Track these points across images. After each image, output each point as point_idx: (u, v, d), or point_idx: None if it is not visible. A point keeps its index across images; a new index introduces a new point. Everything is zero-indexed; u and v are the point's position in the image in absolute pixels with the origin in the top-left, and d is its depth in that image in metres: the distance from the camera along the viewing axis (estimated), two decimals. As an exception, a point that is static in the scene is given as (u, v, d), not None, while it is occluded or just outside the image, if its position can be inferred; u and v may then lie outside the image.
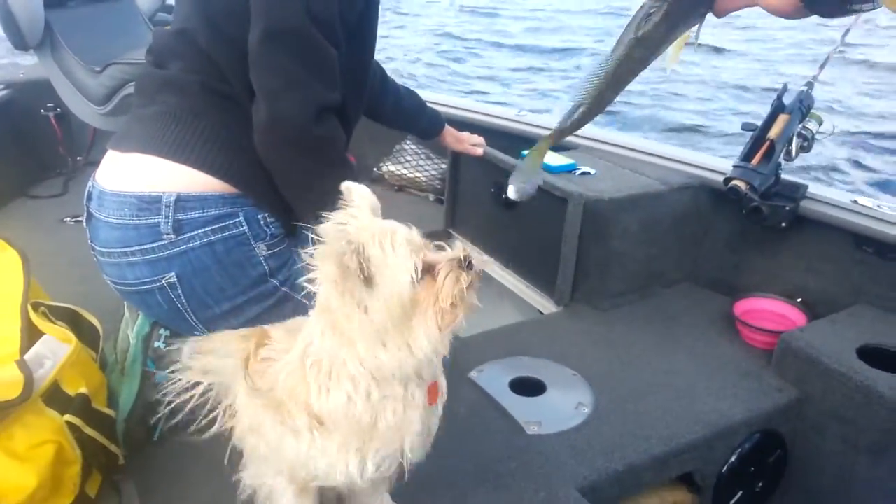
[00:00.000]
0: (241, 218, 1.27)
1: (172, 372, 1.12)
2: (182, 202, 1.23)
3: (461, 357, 1.70)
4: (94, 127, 2.71)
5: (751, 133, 1.94)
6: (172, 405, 1.32)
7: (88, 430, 1.16)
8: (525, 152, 2.18)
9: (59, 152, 2.95)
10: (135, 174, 1.26)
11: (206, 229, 1.25)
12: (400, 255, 0.88)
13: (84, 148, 2.95)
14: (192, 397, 1.08)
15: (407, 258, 0.88)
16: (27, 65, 3.12)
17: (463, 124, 2.31)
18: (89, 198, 1.34)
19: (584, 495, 1.31)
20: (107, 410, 1.26)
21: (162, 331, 1.40)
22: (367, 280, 0.85)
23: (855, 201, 1.89)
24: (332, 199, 1.06)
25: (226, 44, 1.26)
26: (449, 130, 2.11)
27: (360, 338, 0.89)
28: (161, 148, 1.25)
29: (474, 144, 2.15)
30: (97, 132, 2.81)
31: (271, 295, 1.32)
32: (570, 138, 2.45)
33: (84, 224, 1.36)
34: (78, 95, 2.41)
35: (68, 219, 2.50)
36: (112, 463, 1.26)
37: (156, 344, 1.39)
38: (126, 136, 1.32)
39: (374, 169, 2.94)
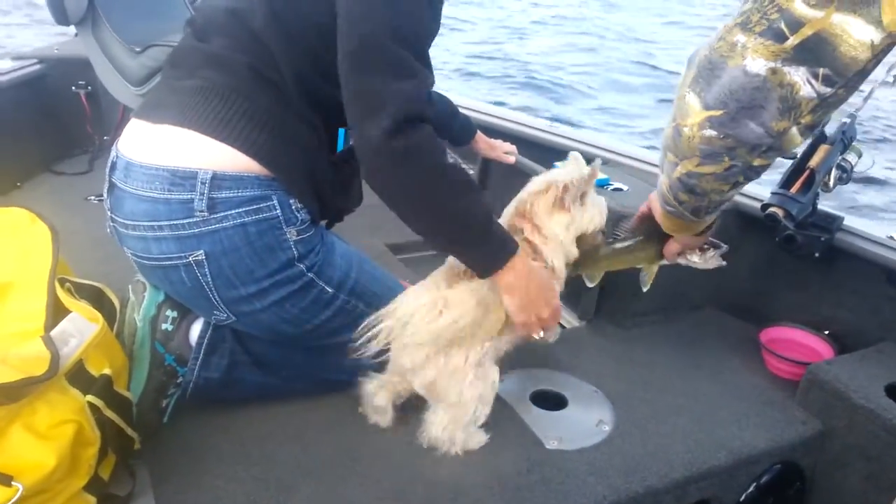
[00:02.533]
0: (275, 201, 1.26)
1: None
2: (218, 180, 1.22)
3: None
4: (124, 107, 2.71)
5: (790, 161, 1.91)
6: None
7: (108, 413, 1.14)
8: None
9: (87, 130, 2.95)
10: (169, 147, 1.25)
11: (241, 210, 1.24)
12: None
13: (112, 128, 2.95)
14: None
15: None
16: (61, 41, 3.13)
17: (492, 131, 2.30)
18: (113, 168, 1.32)
19: None
20: (127, 393, 1.25)
21: (168, 312, 1.38)
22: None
23: (891, 237, 1.86)
24: (453, 213, 1.15)
25: (282, 31, 1.25)
26: (481, 136, 2.10)
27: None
28: (201, 123, 1.23)
29: (506, 152, 2.13)
30: (126, 112, 2.80)
31: (297, 279, 1.31)
32: (602, 153, 2.45)
33: (104, 195, 1.35)
34: (116, 75, 2.41)
35: (92, 197, 2.49)
36: (127, 447, 1.25)
37: (163, 326, 1.37)
38: (158, 107, 1.30)
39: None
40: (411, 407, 1.43)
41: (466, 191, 1.23)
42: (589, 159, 2.36)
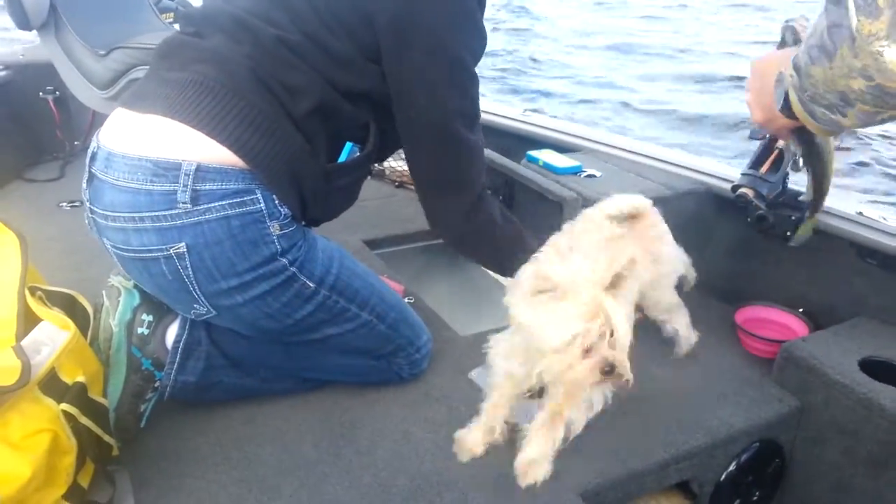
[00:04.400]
0: (259, 195, 1.25)
1: None
2: (202, 172, 1.21)
3: (461, 356, 1.68)
4: (94, 111, 2.68)
5: (759, 141, 1.93)
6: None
7: (84, 420, 1.14)
8: (534, 155, 2.16)
9: (57, 136, 2.92)
10: (152, 137, 1.23)
11: (224, 202, 1.23)
12: None
13: (82, 132, 2.92)
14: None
15: None
16: (26, 46, 3.08)
17: None
18: (93, 159, 1.30)
19: (587, 500, 1.30)
20: (102, 400, 1.24)
21: (144, 316, 1.37)
22: None
23: (860, 213, 1.88)
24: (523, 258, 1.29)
25: (319, 50, 1.31)
26: None
27: None
28: (189, 116, 1.22)
29: None
30: (96, 117, 2.78)
31: (279, 274, 1.31)
32: (575, 140, 2.46)
33: (83, 186, 1.33)
34: (81, 79, 2.38)
35: (64, 204, 2.47)
36: (106, 453, 1.24)
37: (139, 330, 1.36)
38: (145, 97, 1.29)
39: (375, 164, 2.92)
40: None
41: (519, 239, 1.52)
42: (571, 149, 2.38)
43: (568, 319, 1.09)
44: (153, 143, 1.23)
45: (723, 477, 1.62)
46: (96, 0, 2.54)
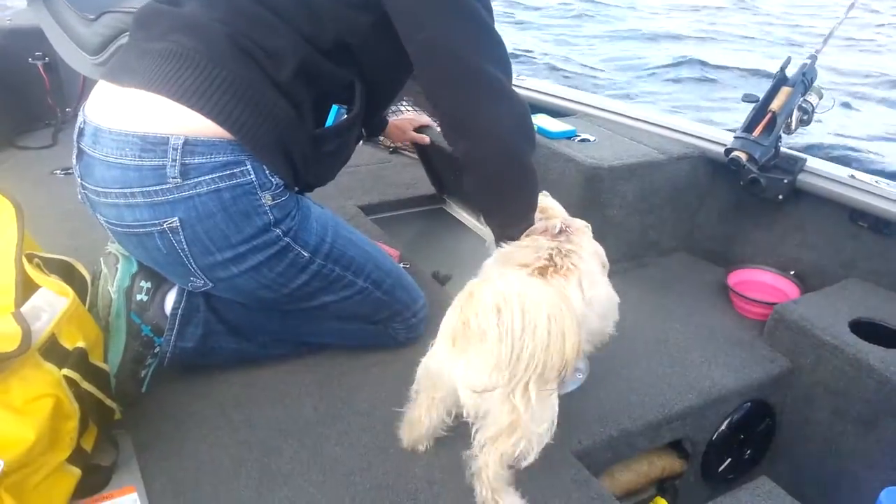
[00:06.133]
0: (249, 166, 1.24)
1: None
2: (190, 146, 1.20)
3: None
4: (84, 77, 2.65)
5: (752, 104, 1.93)
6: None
7: (85, 385, 1.15)
8: None
9: (48, 103, 2.89)
10: (138, 112, 1.22)
11: (214, 175, 1.22)
12: None
13: (73, 98, 2.88)
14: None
15: None
16: (15, 10, 3.04)
17: None
18: (81, 134, 1.29)
19: (580, 459, 1.33)
20: (103, 365, 1.25)
21: (143, 283, 1.38)
22: None
23: (852, 176, 1.90)
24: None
25: (302, 7, 1.27)
26: (392, 124, 2.03)
27: None
28: (172, 90, 1.20)
29: (421, 127, 2.06)
30: (87, 82, 2.74)
31: (273, 244, 1.31)
32: (569, 104, 2.45)
33: (74, 161, 1.32)
34: (70, 44, 2.34)
35: (58, 171, 2.45)
36: (108, 417, 1.25)
37: (137, 297, 1.37)
38: (127, 70, 1.27)
39: (370, 137, 2.91)
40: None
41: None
42: (565, 114, 2.37)
43: (485, 365, 1.03)
44: (139, 118, 1.22)
45: (714, 436, 1.66)
46: (83, -36, 2.50)
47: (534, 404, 1.04)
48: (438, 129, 2.27)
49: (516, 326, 0.96)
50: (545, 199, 1.47)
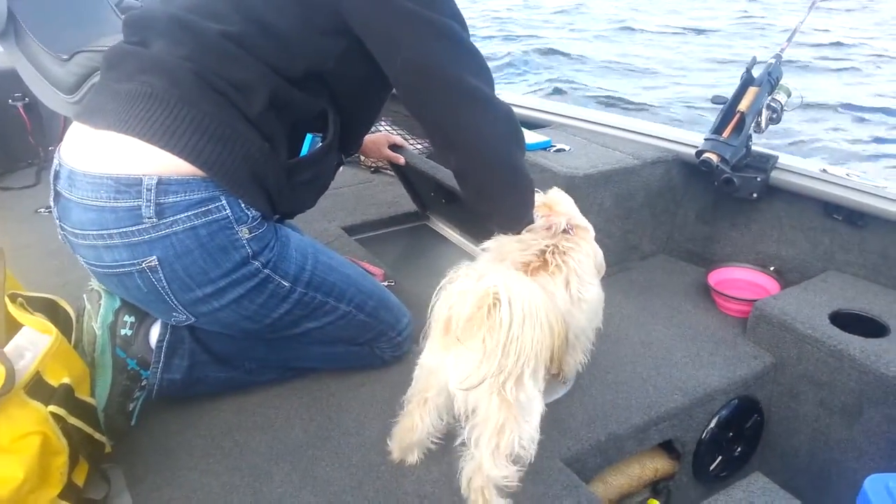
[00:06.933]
0: (224, 202, 1.25)
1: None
2: (164, 185, 1.21)
3: (443, 335, 1.71)
4: (65, 116, 2.67)
5: (721, 106, 1.96)
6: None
7: (73, 420, 1.16)
8: None
9: (30, 142, 2.90)
10: (110, 154, 1.24)
11: (189, 213, 1.23)
12: None
13: (55, 137, 2.90)
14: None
15: None
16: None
17: None
18: (56, 177, 1.31)
19: (569, 465, 1.34)
20: (90, 399, 1.26)
21: (126, 317, 1.39)
22: None
23: (824, 170, 1.93)
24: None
25: (271, 41, 1.28)
26: (367, 139, 2.03)
27: None
28: (143, 131, 1.22)
29: (394, 146, 2.08)
30: (67, 121, 2.76)
31: (253, 277, 1.32)
32: (543, 115, 2.48)
33: (52, 203, 1.34)
34: (46, 84, 2.36)
35: (42, 210, 2.46)
36: (98, 451, 1.26)
37: (122, 332, 1.37)
38: (98, 111, 1.28)
39: (347, 157, 2.93)
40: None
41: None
42: (539, 125, 2.40)
43: (473, 361, 1.06)
44: (111, 160, 1.23)
45: (704, 435, 1.67)
46: (55, 5, 2.51)
47: (520, 398, 1.07)
48: (416, 147, 2.31)
49: (504, 320, 0.99)
50: (557, 194, 1.51)
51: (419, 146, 2.64)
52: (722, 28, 11.48)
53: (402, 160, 2.04)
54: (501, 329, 1.00)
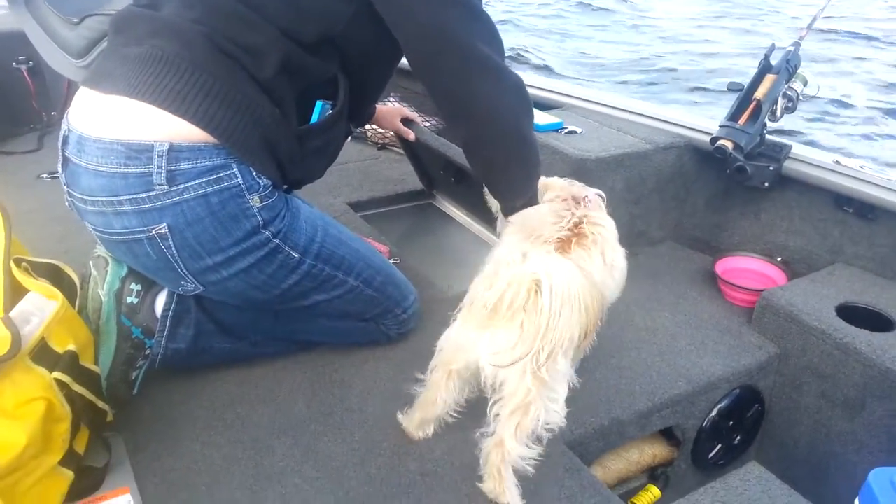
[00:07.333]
0: (235, 170, 1.24)
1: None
2: (175, 152, 1.20)
3: (448, 315, 1.70)
4: (69, 81, 2.64)
5: (737, 93, 1.94)
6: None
7: (77, 387, 1.15)
8: None
9: (33, 107, 2.87)
10: (122, 120, 1.22)
11: (201, 181, 1.22)
12: None
13: (59, 102, 2.87)
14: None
15: None
16: (-2, 14, 3.02)
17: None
18: (65, 142, 1.29)
19: (572, 448, 1.34)
20: (94, 367, 1.25)
21: (133, 285, 1.38)
22: None
23: (837, 162, 1.91)
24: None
25: (284, 3, 1.25)
26: (380, 110, 2.02)
27: None
28: (154, 96, 1.20)
29: (406, 120, 2.05)
30: (72, 86, 2.73)
31: (263, 246, 1.31)
32: (556, 97, 2.46)
33: (59, 169, 1.32)
34: (54, 47, 2.32)
35: (45, 175, 2.44)
36: (100, 419, 1.26)
37: (128, 299, 1.37)
38: (108, 76, 1.26)
39: (357, 128, 2.91)
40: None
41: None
42: (552, 106, 2.38)
43: (509, 342, 1.08)
44: (122, 126, 1.21)
45: (705, 423, 1.67)
46: (65, -34, 2.48)
47: (550, 377, 1.09)
48: (424, 124, 2.28)
49: (544, 308, 1.01)
50: (543, 178, 1.50)
51: (428, 123, 2.61)
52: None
53: (412, 136, 2.01)
54: (542, 316, 1.02)
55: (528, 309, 1.04)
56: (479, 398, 1.22)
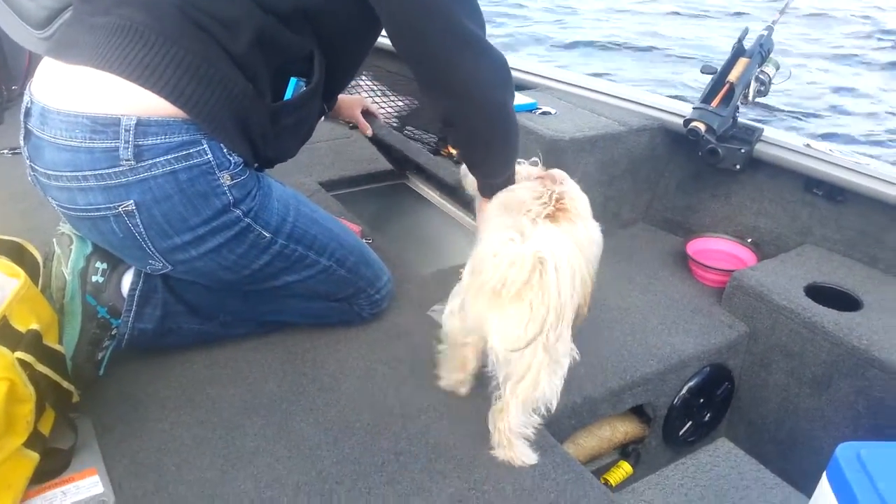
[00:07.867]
0: (206, 146, 1.20)
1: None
2: (143, 127, 1.15)
3: (421, 294, 1.70)
4: (30, 53, 2.56)
5: (710, 76, 1.95)
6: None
7: (41, 367, 1.12)
8: None
9: (-8, 81, 2.78)
10: (87, 92, 1.17)
11: (169, 157, 1.18)
12: None
13: (19, 75, 2.78)
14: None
15: None
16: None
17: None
18: (28, 114, 1.24)
19: (545, 426, 1.34)
20: (59, 347, 1.22)
21: (98, 264, 1.34)
22: None
23: (808, 145, 1.93)
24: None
25: None
26: (341, 99, 1.97)
27: None
28: (122, 68, 1.15)
29: (367, 113, 2.01)
30: (34, 59, 2.64)
31: (233, 226, 1.28)
32: (530, 77, 2.45)
33: (21, 142, 1.27)
34: (13, 17, 2.24)
35: (6, 151, 2.37)
36: (66, 400, 1.23)
37: (93, 278, 1.33)
38: (73, 46, 1.21)
39: (330, 109, 2.86)
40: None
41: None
42: (526, 87, 2.37)
43: (520, 322, 1.11)
44: (88, 98, 1.16)
45: (675, 400, 1.69)
46: (26, -67, 2.40)
47: (557, 350, 1.15)
48: (393, 105, 2.26)
49: (552, 286, 1.05)
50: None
51: (400, 102, 2.59)
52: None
53: (369, 131, 1.98)
54: (550, 295, 1.05)
55: (534, 287, 1.06)
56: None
